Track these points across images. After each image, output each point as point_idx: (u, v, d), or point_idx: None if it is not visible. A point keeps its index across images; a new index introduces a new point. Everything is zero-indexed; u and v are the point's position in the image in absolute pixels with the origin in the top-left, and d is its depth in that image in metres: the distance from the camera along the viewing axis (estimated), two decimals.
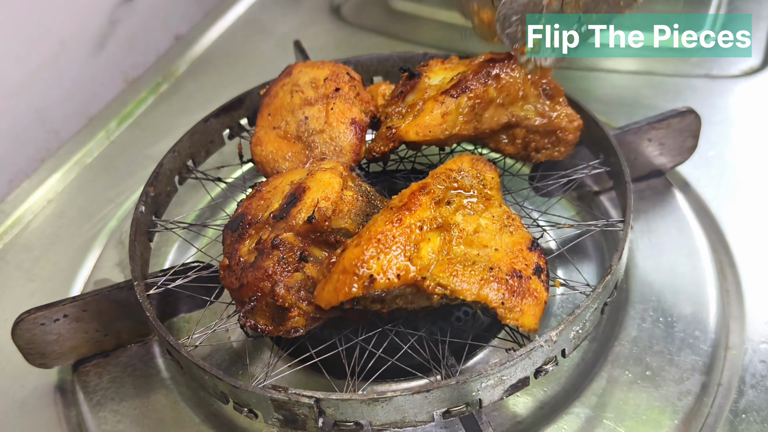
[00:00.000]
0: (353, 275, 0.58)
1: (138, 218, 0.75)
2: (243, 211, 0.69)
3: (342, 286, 0.59)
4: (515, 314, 0.58)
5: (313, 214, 0.63)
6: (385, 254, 0.59)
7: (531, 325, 0.59)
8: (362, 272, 0.58)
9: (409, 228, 0.61)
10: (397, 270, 0.58)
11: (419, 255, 0.60)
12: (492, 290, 0.59)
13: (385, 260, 0.59)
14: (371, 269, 0.58)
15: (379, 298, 0.60)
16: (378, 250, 0.59)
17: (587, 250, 0.85)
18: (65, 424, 0.74)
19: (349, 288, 0.58)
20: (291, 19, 1.42)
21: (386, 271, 0.58)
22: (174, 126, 1.08)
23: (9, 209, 1.02)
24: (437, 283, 0.59)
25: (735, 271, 0.80)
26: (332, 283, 0.60)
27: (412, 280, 0.59)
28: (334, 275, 0.60)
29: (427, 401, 0.56)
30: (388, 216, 0.62)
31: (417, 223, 0.61)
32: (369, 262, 0.58)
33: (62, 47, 1.15)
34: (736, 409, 0.67)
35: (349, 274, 0.59)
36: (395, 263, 0.59)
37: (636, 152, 0.86)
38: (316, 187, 0.65)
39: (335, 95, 0.79)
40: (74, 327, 0.74)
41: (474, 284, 0.59)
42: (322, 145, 0.77)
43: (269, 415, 0.58)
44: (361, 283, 0.58)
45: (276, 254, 0.63)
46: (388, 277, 0.58)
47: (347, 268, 0.59)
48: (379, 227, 0.61)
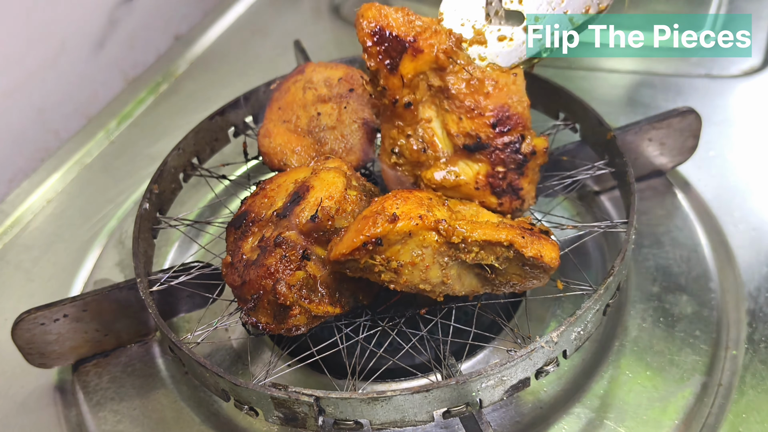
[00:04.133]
0: (375, 216, 0.58)
1: (142, 215, 0.75)
2: (247, 209, 0.70)
3: (364, 226, 0.58)
4: (536, 245, 0.59)
5: (316, 213, 0.63)
6: (404, 204, 0.60)
7: (554, 256, 0.59)
8: (384, 213, 0.58)
9: (419, 197, 0.62)
10: (418, 213, 0.59)
11: (433, 211, 0.60)
12: (509, 231, 0.59)
13: (405, 207, 0.59)
14: (392, 210, 0.59)
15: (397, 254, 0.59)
16: (395, 201, 0.60)
17: (588, 249, 0.85)
18: (65, 424, 0.74)
19: (372, 226, 0.58)
20: (291, 19, 1.43)
21: (407, 213, 0.58)
22: (174, 126, 1.08)
23: (9, 209, 1.02)
24: (456, 226, 0.59)
25: (735, 271, 0.80)
26: (351, 230, 0.60)
27: (433, 224, 0.59)
28: (353, 226, 0.61)
29: (427, 401, 0.56)
30: (397, 191, 0.63)
31: (425, 196, 0.63)
32: (389, 207, 0.59)
33: (62, 47, 1.15)
34: (736, 410, 0.67)
35: (370, 218, 0.59)
36: (415, 210, 0.59)
37: (636, 152, 0.86)
38: (320, 186, 0.65)
39: (349, 95, 0.80)
40: (74, 327, 0.74)
41: (491, 229, 0.59)
42: (332, 141, 0.77)
43: (269, 413, 0.58)
44: (385, 220, 0.58)
45: (278, 252, 0.63)
46: (410, 218, 0.58)
47: (367, 215, 0.59)
48: (392, 194, 0.62)
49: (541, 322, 0.77)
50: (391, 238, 0.58)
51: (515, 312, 0.77)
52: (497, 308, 0.74)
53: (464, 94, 0.67)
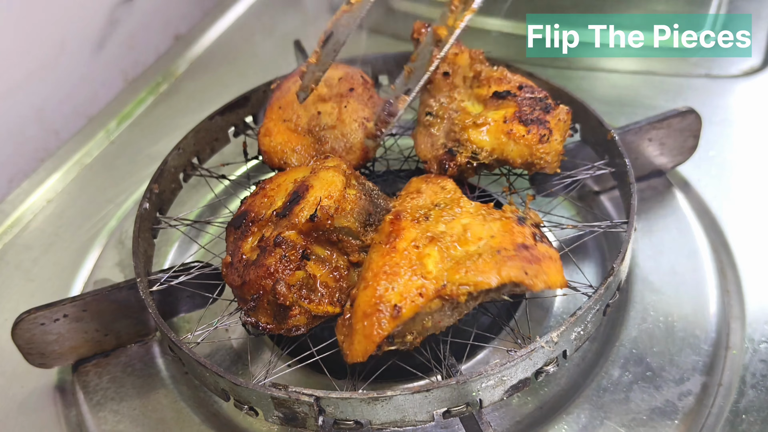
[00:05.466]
0: (377, 314, 0.57)
1: (142, 215, 0.75)
2: (246, 209, 0.70)
3: (371, 330, 0.57)
4: (542, 278, 0.58)
5: (315, 213, 0.63)
6: (398, 282, 0.58)
7: (561, 281, 0.60)
8: (385, 307, 0.57)
9: (406, 251, 0.60)
10: (417, 290, 0.58)
11: (428, 270, 0.59)
12: (511, 268, 0.58)
13: (400, 287, 0.58)
14: (392, 300, 0.57)
15: (409, 328, 0.59)
16: (389, 281, 0.58)
17: (588, 249, 0.85)
18: (65, 424, 0.74)
19: (378, 328, 0.57)
20: (291, 19, 1.43)
21: (407, 296, 0.58)
22: (174, 126, 1.08)
23: (9, 209, 1.02)
24: (458, 285, 0.58)
25: (735, 271, 0.80)
26: (359, 333, 0.59)
27: (435, 294, 0.58)
28: (357, 325, 0.59)
29: (427, 401, 0.56)
30: (380, 250, 0.62)
31: (410, 244, 0.61)
32: (386, 296, 0.58)
33: (62, 47, 1.15)
34: (736, 410, 0.67)
35: (373, 315, 0.58)
36: (411, 285, 0.58)
37: (636, 152, 0.86)
38: (319, 186, 0.65)
39: (349, 95, 0.80)
40: (74, 327, 0.74)
41: (492, 271, 0.58)
42: (333, 140, 0.78)
43: (269, 413, 0.58)
44: (389, 316, 0.57)
45: (278, 252, 0.63)
46: (411, 300, 0.57)
47: (368, 312, 0.58)
48: (378, 263, 0.60)
49: (541, 322, 0.77)
50: (400, 327, 0.58)
51: (515, 312, 0.77)
52: (497, 308, 0.74)
53: (493, 78, 0.78)
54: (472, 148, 0.73)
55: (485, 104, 0.76)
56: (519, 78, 0.78)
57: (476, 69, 0.79)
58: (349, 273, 0.66)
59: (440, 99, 0.77)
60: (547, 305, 0.79)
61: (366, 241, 0.66)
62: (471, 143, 0.73)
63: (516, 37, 1.24)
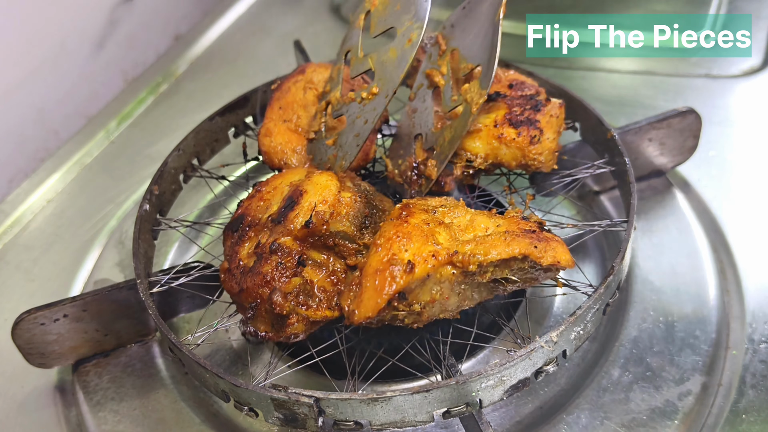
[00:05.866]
0: (390, 268, 0.57)
1: (142, 216, 0.75)
2: (243, 212, 0.69)
3: (383, 283, 0.57)
4: (551, 253, 0.59)
5: (310, 219, 0.63)
6: (412, 245, 0.59)
7: (568, 258, 0.60)
8: (398, 261, 0.58)
9: (417, 225, 0.61)
10: (430, 252, 0.58)
11: (439, 241, 0.60)
12: (520, 243, 0.59)
13: (414, 248, 0.59)
14: (405, 258, 0.58)
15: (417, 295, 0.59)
16: (403, 242, 0.59)
17: (588, 249, 0.85)
18: (65, 424, 0.74)
19: (391, 282, 0.57)
20: (291, 19, 1.43)
21: (420, 255, 0.58)
22: (174, 126, 1.08)
23: (9, 209, 1.02)
24: (470, 254, 0.58)
25: (735, 271, 0.80)
26: (369, 289, 0.59)
27: (447, 258, 0.58)
28: (368, 282, 0.59)
29: (426, 401, 0.56)
30: (392, 223, 0.62)
31: (421, 221, 0.62)
32: (400, 254, 0.58)
33: (62, 47, 1.15)
34: (736, 410, 0.67)
35: (386, 270, 0.58)
36: (425, 248, 0.59)
37: (636, 152, 0.86)
38: (313, 191, 0.65)
39: None
40: (74, 327, 0.74)
41: (500, 245, 0.59)
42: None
43: (269, 414, 0.58)
44: (402, 271, 0.57)
45: (274, 259, 0.63)
46: (425, 259, 0.58)
47: (380, 268, 0.58)
48: (390, 231, 0.61)
49: (541, 321, 0.77)
50: (411, 286, 0.58)
51: (515, 312, 0.77)
52: (497, 308, 0.74)
53: None
54: (467, 155, 0.73)
55: None
56: (511, 75, 0.78)
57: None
58: (346, 276, 0.65)
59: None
60: (547, 305, 0.79)
61: (360, 243, 0.65)
62: (465, 151, 0.73)
63: (516, 37, 1.24)
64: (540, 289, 0.79)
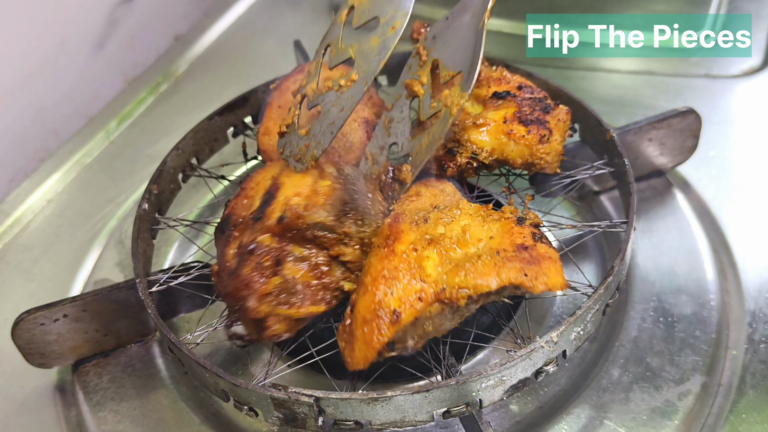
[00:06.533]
0: (376, 320, 0.57)
1: (141, 215, 0.75)
2: (229, 212, 0.68)
3: (371, 336, 0.57)
4: (542, 279, 0.58)
5: (283, 214, 0.61)
6: (397, 286, 0.58)
7: (561, 282, 0.58)
8: (384, 312, 0.57)
9: (405, 254, 0.60)
10: (416, 294, 0.57)
11: (427, 273, 0.59)
12: (510, 270, 0.57)
13: (399, 291, 0.58)
14: (391, 305, 0.57)
15: (409, 333, 0.59)
16: (388, 286, 0.58)
17: (588, 249, 0.85)
18: (65, 424, 0.74)
19: (378, 334, 0.57)
20: (291, 19, 1.42)
21: (406, 301, 0.57)
22: (174, 126, 1.08)
23: (9, 209, 1.02)
24: (457, 289, 0.58)
25: (735, 271, 0.80)
26: (359, 339, 0.59)
27: (434, 298, 0.58)
28: (357, 332, 0.59)
29: (426, 401, 0.56)
30: (378, 254, 0.61)
31: (409, 247, 0.61)
32: (386, 301, 0.57)
33: (62, 47, 1.15)
34: (736, 410, 0.67)
35: (372, 321, 0.57)
36: (410, 289, 0.58)
37: (636, 152, 0.86)
38: (289, 183, 0.64)
39: None
40: (74, 327, 0.74)
41: (491, 273, 0.58)
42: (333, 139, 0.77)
43: (269, 413, 0.58)
44: (389, 322, 0.57)
45: (252, 260, 0.61)
46: (411, 305, 0.57)
47: (367, 318, 0.58)
48: (377, 267, 0.60)
49: (541, 322, 0.77)
50: (400, 333, 0.58)
51: (515, 312, 0.77)
52: (497, 308, 0.74)
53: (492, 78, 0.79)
54: (472, 148, 0.73)
55: (485, 104, 0.76)
56: (518, 78, 0.78)
57: None
58: (330, 268, 0.64)
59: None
60: (546, 305, 0.79)
61: (340, 232, 0.63)
62: (471, 143, 0.73)
63: (516, 37, 1.24)
64: None
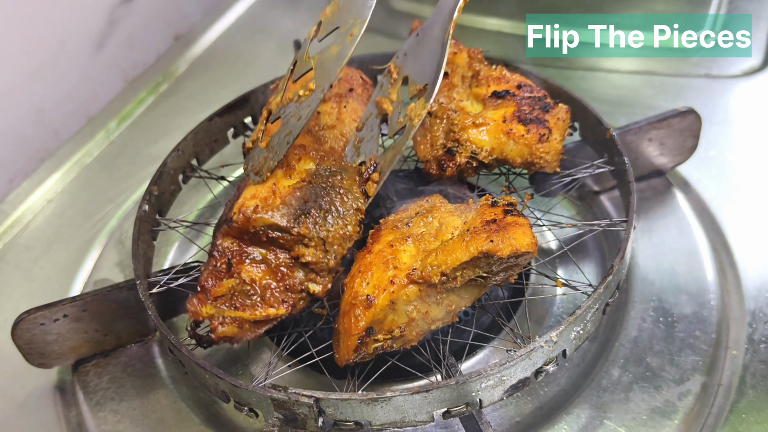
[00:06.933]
0: (354, 309, 0.59)
1: (141, 217, 0.75)
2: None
3: (350, 326, 0.59)
4: (508, 242, 0.58)
5: (230, 217, 0.61)
6: (371, 276, 0.60)
7: (528, 242, 0.58)
8: (359, 301, 0.59)
9: (381, 251, 0.62)
10: (388, 279, 0.59)
11: (400, 261, 0.61)
12: (477, 241, 0.58)
13: (373, 280, 0.59)
14: (365, 294, 0.59)
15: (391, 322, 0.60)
16: (362, 278, 0.60)
17: (588, 249, 0.85)
18: (65, 424, 0.74)
19: (356, 322, 0.58)
20: (291, 19, 1.42)
21: (378, 286, 0.59)
22: (174, 126, 1.08)
23: (9, 209, 1.02)
24: (429, 267, 0.59)
25: (735, 271, 0.80)
26: (342, 333, 0.60)
27: (407, 280, 0.59)
28: (340, 326, 0.61)
29: (426, 401, 0.56)
30: (358, 257, 0.64)
31: (386, 244, 0.62)
32: (360, 291, 0.59)
33: (62, 47, 1.15)
34: (736, 410, 0.67)
35: (350, 312, 0.59)
36: (384, 276, 0.59)
37: (636, 152, 0.86)
38: (250, 184, 0.64)
39: (348, 95, 0.80)
40: (74, 327, 0.74)
41: (461, 249, 0.59)
42: (332, 140, 0.77)
43: (269, 414, 0.58)
44: (363, 309, 0.58)
45: (211, 262, 0.62)
46: (384, 288, 0.58)
47: (346, 310, 0.60)
48: (354, 267, 0.62)
49: (541, 321, 0.77)
50: (378, 317, 0.59)
51: (515, 312, 0.77)
52: (497, 308, 0.74)
53: (492, 77, 0.78)
54: (472, 147, 0.73)
55: (484, 104, 0.76)
56: (517, 77, 0.78)
57: (475, 68, 0.80)
58: (293, 269, 0.63)
59: (439, 99, 0.77)
60: (546, 305, 0.79)
61: (296, 233, 0.62)
62: (470, 143, 0.73)
63: (516, 37, 1.24)
64: (540, 289, 0.79)
